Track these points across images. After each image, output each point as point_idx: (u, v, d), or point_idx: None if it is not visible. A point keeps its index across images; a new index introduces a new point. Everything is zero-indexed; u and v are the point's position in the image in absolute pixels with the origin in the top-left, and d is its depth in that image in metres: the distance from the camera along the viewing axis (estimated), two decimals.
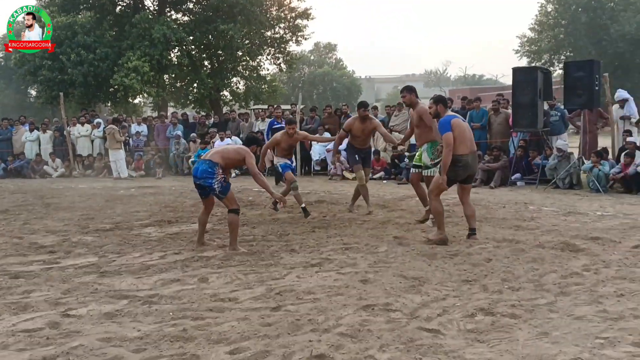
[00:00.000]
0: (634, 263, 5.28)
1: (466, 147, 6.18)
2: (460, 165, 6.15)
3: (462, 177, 6.30)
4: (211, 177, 6.14)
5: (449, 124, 6.15)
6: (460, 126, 6.19)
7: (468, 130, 6.34)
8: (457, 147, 6.13)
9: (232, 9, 22.01)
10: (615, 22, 33.80)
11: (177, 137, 16.36)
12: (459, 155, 6.13)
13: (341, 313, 4.11)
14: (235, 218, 6.29)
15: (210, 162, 6.20)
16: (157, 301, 4.52)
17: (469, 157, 6.19)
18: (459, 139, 6.13)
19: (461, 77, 74.90)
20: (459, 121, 6.28)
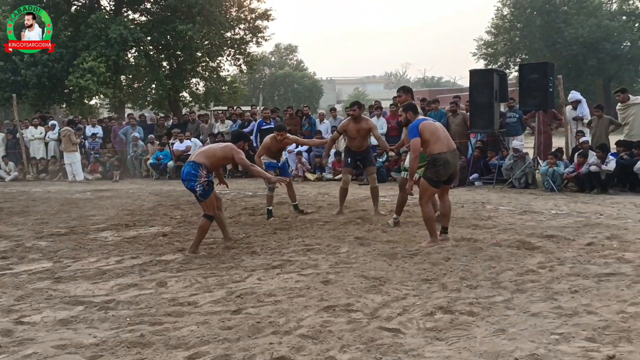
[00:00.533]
0: (588, 260, 5.42)
1: (443, 145, 6.13)
2: (440, 164, 6.09)
3: (445, 177, 6.20)
4: (194, 179, 6.08)
5: (417, 128, 6.12)
6: (430, 127, 6.15)
7: (441, 129, 6.30)
8: (433, 146, 6.10)
9: (191, 10, 21.76)
10: (569, 26, 34.78)
11: (135, 139, 16.09)
12: (436, 154, 6.09)
13: (302, 315, 4.10)
14: (206, 223, 6.24)
15: (195, 164, 6.12)
16: (113, 307, 4.43)
17: (447, 154, 6.12)
18: (432, 139, 6.10)
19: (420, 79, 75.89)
20: (429, 122, 6.25)
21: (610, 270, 5.01)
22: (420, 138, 6.12)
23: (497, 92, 11.35)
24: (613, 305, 4.11)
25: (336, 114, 15.88)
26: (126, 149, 16.48)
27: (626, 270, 5.00)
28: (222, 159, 6.39)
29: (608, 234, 6.55)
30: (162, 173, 15.45)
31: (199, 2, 21.47)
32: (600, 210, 8.31)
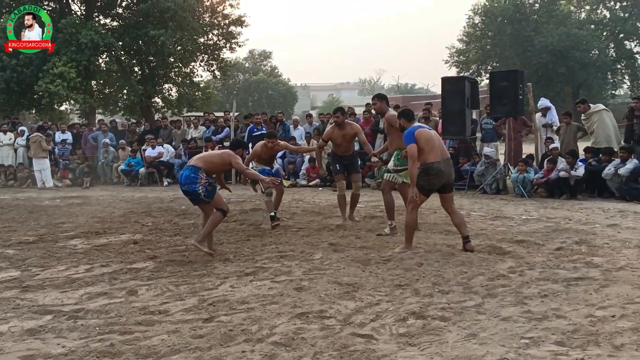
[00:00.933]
0: (557, 265, 5.51)
1: (436, 154, 6.11)
2: (432, 174, 6.07)
3: (437, 186, 6.18)
4: (195, 182, 6.12)
5: (413, 135, 6.10)
6: (425, 135, 6.13)
7: (436, 138, 6.28)
8: (427, 156, 6.07)
9: (163, 15, 21.59)
10: (538, 34, 35.48)
11: (106, 145, 15.88)
12: (429, 163, 6.06)
13: (275, 322, 4.08)
14: (219, 217, 6.26)
15: (193, 167, 6.18)
16: (82, 316, 4.35)
17: (440, 164, 6.10)
18: (427, 148, 6.07)
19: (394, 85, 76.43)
20: (424, 131, 6.22)
21: (579, 275, 5.10)
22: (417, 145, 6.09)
23: (469, 99, 11.46)
24: (582, 309, 4.18)
25: (312, 120, 15.89)
26: (97, 156, 16.25)
27: (594, 275, 5.09)
28: (220, 165, 6.39)
29: (577, 238, 6.67)
30: (134, 180, 15.27)
31: (172, 7, 21.32)
32: (569, 216, 8.46)
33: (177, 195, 12.04)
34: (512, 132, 11.95)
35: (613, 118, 11.71)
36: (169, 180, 15.16)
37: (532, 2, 38.49)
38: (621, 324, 3.88)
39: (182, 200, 11.37)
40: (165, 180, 15.10)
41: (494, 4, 37.37)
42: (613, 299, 4.39)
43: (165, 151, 15.46)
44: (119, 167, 15.61)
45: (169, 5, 21.26)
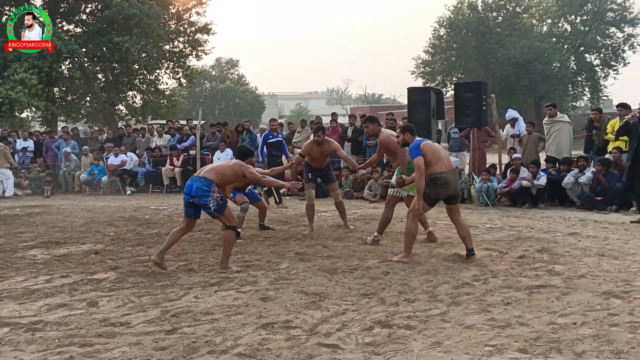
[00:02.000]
0: (519, 273, 5.58)
1: (444, 165, 6.18)
2: (440, 183, 6.12)
3: (443, 196, 6.24)
4: (207, 195, 5.78)
5: (419, 148, 6.16)
6: (431, 147, 6.22)
7: (441, 149, 6.39)
8: (435, 167, 6.12)
9: (128, 21, 21.30)
10: (502, 47, 36.24)
11: (67, 153, 15.54)
12: (438, 173, 6.12)
13: (240, 333, 4.02)
14: (231, 235, 5.99)
15: (206, 180, 5.83)
16: (41, 328, 4.23)
17: (448, 174, 6.16)
18: (434, 160, 6.13)
19: (362, 95, 77.01)
20: (429, 143, 6.32)
21: (541, 283, 5.17)
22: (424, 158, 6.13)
23: (434, 109, 11.59)
24: (544, 317, 4.24)
25: (282, 128, 15.81)
26: (58, 164, 15.89)
27: (556, 282, 5.17)
28: (232, 177, 6.10)
29: (539, 247, 6.78)
30: (96, 189, 14.98)
31: (137, 14, 21.06)
32: (531, 224, 8.61)
33: (141, 205, 11.90)
34: (476, 142, 12.12)
35: (572, 132, 12.00)
36: (132, 189, 14.92)
37: (496, 15, 39.35)
38: (582, 331, 3.94)
39: (145, 210, 11.23)
40: (129, 189, 14.84)
41: (458, 16, 38.07)
42: (574, 307, 4.46)
43: (128, 159, 15.21)
44: (81, 175, 15.29)
45: (133, 12, 20.99)
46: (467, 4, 38.54)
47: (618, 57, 39.01)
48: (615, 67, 39.19)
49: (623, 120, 10.39)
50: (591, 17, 38.72)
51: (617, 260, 6.06)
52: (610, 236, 7.54)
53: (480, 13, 38.44)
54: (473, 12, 38.33)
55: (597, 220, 8.90)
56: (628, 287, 4.97)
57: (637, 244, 6.95)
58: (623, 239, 7.35)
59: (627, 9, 37.88)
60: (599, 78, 39.70)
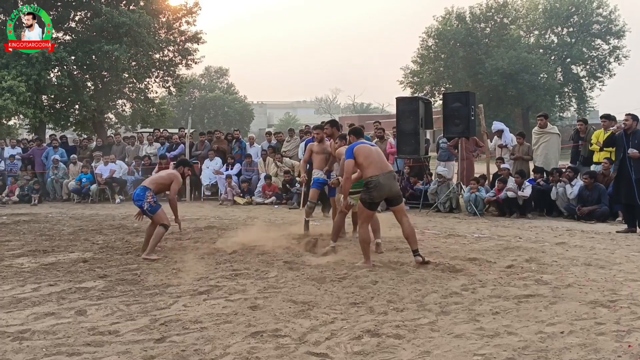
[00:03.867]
0: (508, 282, 5.62)
1: (375, 168, 6.26)
2: (372, 187, 6.22)
3: (379, 199, 6.34)
4: (142, 199, 7.31)
5: (351, 151, 6.32)
6: (364, 151, 6.31)
7: (375, 153, 6.42)
8: (366, 170, 6.25)
9: (118, 30, 21.26)
10: (489, 57, 36.53)
11: (55, 161, 15.44)
12: (368, 177, 6.24)
13: (229, 341, 4.02)
14: (162, 230, 7.31)
15: (144, 187, 7.41)
16: (29, 337, 4.20)
17: (379, 177, 6.23)
18: (365, 163, 6.25)
19: (350, 105, 77.26)
20: (363, 146, 6.39)
21: (529, 292, 5.21)
22: (355, 161, 6.30)
23: (423, 119, 11.68)
24: (532, 326, 4.28)
25: (271, 138, 15.83)
26: (46, 171, 15.78)
27: (544, 292, 5.22)
28: (166, 185, 7.53)
29: (527, 256, 6.82)
30: (85, 197, 14.88)
31: (127, 22, 21.03)
32: (520, 234, 8.67)
33: (130, 213, 11.82)
34: (464, 151, 12.20)
35: (560, 143, 12.11)
36: (122, 197, 14.83)
37: (484, 26, 39.68)
38: (569, 340, 3.98)
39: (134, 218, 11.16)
40: (118, 197, 14.77)
41: (446, 27, 38.34)
42: (562, 316, 4.50)
43: (117, 168, 15.14)
44: (70, 183, 15.19)
45: (123, 20, 20.96)
46: (455, 15, 38.86)
47: (604, 69, 39.44)
48: (601, 78, 39.61)
49: (608, 132, 10.51)
50: (577, 29, 39.16)
51: (604, 270, 6.12)
52: (596, 246, 7.62)
53: (468, 24, 38.75)
54: (461, 23, 38.64)
55: (584, 230, 8.99)
56: (614, 297, 5.02)
57: (623, 254, 7.03)
58: (609, 248, 7.43)
59: (612, 22, 38.36)
60: (585, 89, 40.10)
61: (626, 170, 8.64)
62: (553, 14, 38.88)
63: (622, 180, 8.83)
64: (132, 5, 23.33)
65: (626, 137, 8.73)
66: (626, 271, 6.05)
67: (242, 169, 14.53)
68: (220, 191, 14.32)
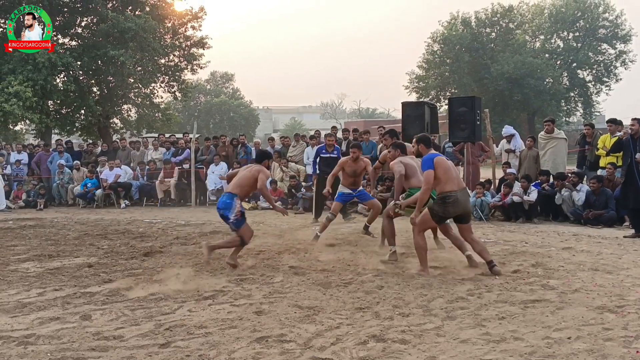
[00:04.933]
0: (514, 287, 5.59)
1: (454, 184, 6.13)
2: (449, 202, 6.08)
3: (452, 215, 6.20)
4: (228, 208, 6.59)
5: (432, 161, 6.12)
6: (444, 164, 6.15)
7: (453, 168, 6.32)
8: (444, 185, 6.09)
9: (124, 35, 21.32)
10: (495, 62, 36.47)
11: (61, 166, 15.50)
12: (447, 192, 6.08)
13: (234, 346, 4.00)
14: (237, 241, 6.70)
15: (230, 195, 6.67)
16: (33, 341, 4.19)
17: (458, 193, 6.13)
18: (445, 177, 6.09)
19: (356, 110, 77.22)
20: (443, 159, 6.24)
21: (536, 297, 5.18)
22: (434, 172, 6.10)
23: (429, 124, 11.65)
24: (538, 331, 4.24)
25: (274, 143, 15.86)
26: (52, 177, 15.84)
27: (550, 297, 5.18)
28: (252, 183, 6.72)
29: (533, 261, 6.78)
30: (90, 202, 14.92)
31: (132, 28, 21.09)
32: (526, 239, 8.63)
33: (135, 218, 11.86)
34: (470, 156, 12.17)
35: (567, 148, 12.07)
36: (127, 202, 14.86)
37: (489, 31, 39.64)
38: (577, 345, 3.94)
39: (139, 223, 11.20)
40: (123, 202, 14.79)
41: (452, 32, 38.32)
42: (569, 321, 4.47)
43: (122, 172, 15.18)
44: (75, 188, 15.23)
45: (129, 26, 21.03)
46: (461, 20, 38.85)
47: (610, 73, 39.30)
48: (607, 83, 39.47)
49: (615, 137, 10.47)
50: (583, 34, 39.07)
51: (611, 275, 6.07)
52: (603, 251, 7.56)
53: (473, 29, 38.72)
54: (466, 28, 38.62)
55: (591, 235, 8.93)
56: (622, 302, 4.98)
57: (631, 259, 6.98)
58: (616, 253, 7.38)
59: (618, 26, 38.25)
60: (592, 94, 39.95)
61: (633, 176, 8.59)
62: (559, 18, 38.80)
63: (629, 185, 8.78)
64: (138, 10, 23.41)
65: (633, 142, 8.69)
66: (634, 276, 6.00)
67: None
68: None
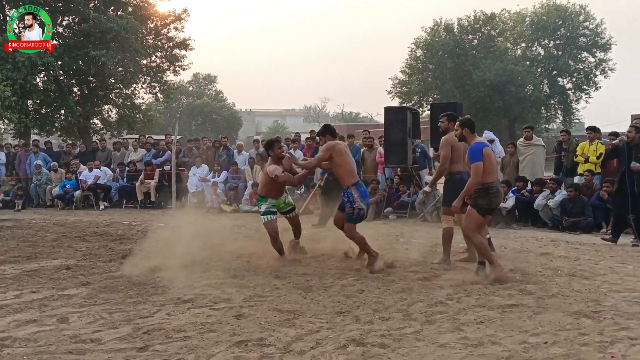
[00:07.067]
0: (492, 292, 5.63)
1: (495, 175, 6.18)
2: (493, 192, 6.08)
3: (496, 206, 6.21)
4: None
5: (481, 152, 6.04)
6: (490, 156, 6.14)
7: (494, 157, 6.29)
8: (488, 175, 6.06)
9: (105, 35, 21.17)
10: (477, 69, 36.82)
11: (38, 166, 15.31)
12: (489, 183, 6.06)
13: (213, 351, 3.98)
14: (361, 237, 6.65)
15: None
16: (9, 344, 4.14)
17: (497, 184, 6.18)
18: (490, 168, 6.08)
19: (339, 113, 77.41)
20: (489, 149, 6.20)
21: (513, 302, 5.23)
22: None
23: (410, 129, 11.73)
24: (516, 336, 4.28)
25: (259, 145, 15.81)
26: (30, 177, 15.64)
27: (528, 302, 5.23)
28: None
29: (511, 266, 6.84)
30: (69, 203, 14.74)
31: (114, 28, 20.93)
32: (504, 244, 8.70)
33: (114, 220, 11.75)
34: None
35: (545, 155, 12.21)
36: (106, 204, 14.72)
37: (471, 38, 40.00)
38: (553, 350, 3.99)
39: (118, 225, 11.09)
40: (102, 203, 14.65)
41: (435, 38, 38.61)
42: (546, 326, 4.52)
43: (102, 174, 15.03)
44: (53, 190, 15.05)
45: (111, 26, 20.87)
46: (444, 26, 39.17)
47: (590, 81, 39.87)
48: (587, 90, 40.02)
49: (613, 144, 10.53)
50: (564, 42, 39.59)
51: (588, 281, 6.15)
52: (581, 257, 7.66)
53: (456, 35, 39.05)
54: (449, 35, 38.93)
55: (569, 241, 9.05)
56: (598, 307, 5.05)
57: (607, 265, 7.08)
58: (593, 259, 7.48)
59: (598, 35, 38.82)
60: (571, 101, 40.50)
61: (624, 183, 8.62)
62: (540, 26, 39.30)
63: (619, 192, 8.83)
64: (120, 11, 23.26)
65: (629, 149, 8.68)
66: (610, 282, 6.09)
67: (228, 177, 14.49)
68: (207, 198, 14.26)
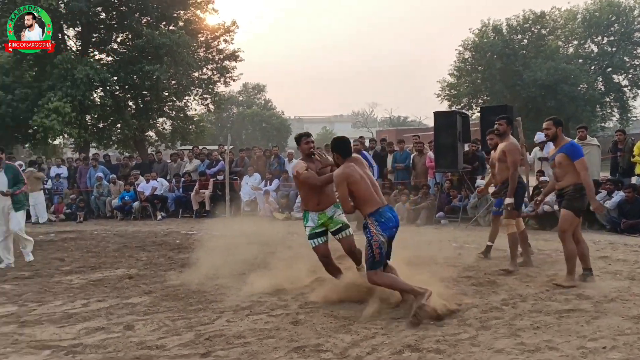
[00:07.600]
0: (549, 297, 5.57)
1: None
2: (584, 193, 6.00)
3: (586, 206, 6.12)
4: None
5: (581, 151, 6.05)
6: None
7: None
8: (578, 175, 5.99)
9: (158, 50, 21.88)
10: (527, 69, 36.05)
11: (99, 179, 15.92)
12: (579, 183, 5.97)
13: (272, 356, 4.12)
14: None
15: None
16: (81, 351, 4.38)
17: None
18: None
19: (387, 118, 77.07)
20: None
21: (571, 307, 5.17)
22: None
23: (460, 133, 11.67)
24: (573, 341, 4.24)
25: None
26: (91, 190, 16.28)
27: (586, 307, 5.16)
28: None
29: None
30: (127, 214, 15.27)
31: (167, 43, 21.62)
32: (560, 248, 8.45)
33: (171, 229, 12.11)
34: None
35: (600, 155, 11.90)
36: (163, 214, 15.17)
37: (521, 37, 39.23)
38: (612, 355, 3.94)
39: (176, 235, 11.44)
40: (159, 214, 15.10)
41: (483, 39, 38.06)
42: (604, 331, 4.46)
43: (159, 185, 15.51)
44: (112, 201, 15.61)
45: (164, 41, 21.55)
46: (492, 27, 38.57)
47: None
48: None
49: None
50: (618, 38, 38.35)
51: None
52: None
53: (505, 36, 38.38)
54: (498, 35, 38.29)
55: (628, 244, 8.81)
56: None
57: None
58: None
59: None
60: (628, 98, 39.16)
61: None
62: (592, 23, 38.18)
63: None
64: (171, 25, 23.98)
65: None
66: None
67: (280, 185, 14.71)
68: (259, 207, 14.51)
